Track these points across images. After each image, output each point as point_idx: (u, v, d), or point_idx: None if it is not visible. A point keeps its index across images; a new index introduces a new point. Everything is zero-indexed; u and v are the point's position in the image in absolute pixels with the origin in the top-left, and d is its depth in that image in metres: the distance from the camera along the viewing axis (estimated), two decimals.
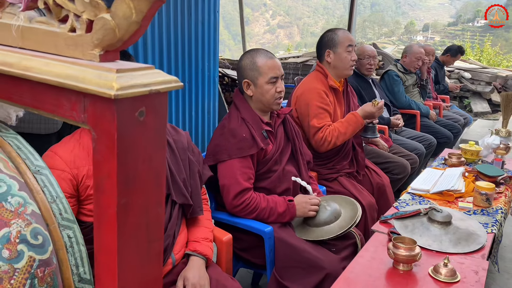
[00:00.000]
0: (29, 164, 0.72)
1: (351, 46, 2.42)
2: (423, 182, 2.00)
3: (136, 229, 0.52)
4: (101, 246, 0.51)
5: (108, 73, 0.45)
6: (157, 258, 0.56)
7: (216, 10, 3.81)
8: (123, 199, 0.49)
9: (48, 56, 0.51)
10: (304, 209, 1.88)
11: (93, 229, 0.51)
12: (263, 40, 74.85)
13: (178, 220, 1.55)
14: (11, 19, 0.56)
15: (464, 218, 1.60)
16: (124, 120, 0.46)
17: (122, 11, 0.45)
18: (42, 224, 0.66)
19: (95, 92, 0.44)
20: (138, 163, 0.49)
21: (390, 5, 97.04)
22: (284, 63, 6.92)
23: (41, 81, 0.49)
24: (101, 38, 0.47)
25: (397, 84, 3.96)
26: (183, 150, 1.63)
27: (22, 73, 0.50)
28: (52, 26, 0.52)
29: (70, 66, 0.48)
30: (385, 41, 66.93)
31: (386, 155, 3.08)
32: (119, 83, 0.44)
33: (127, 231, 0.51)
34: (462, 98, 7.65)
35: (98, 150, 0.48)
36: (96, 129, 0.47)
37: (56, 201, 0.71)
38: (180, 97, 3.63)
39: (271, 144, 1.92)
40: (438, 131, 4.07)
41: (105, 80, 0.45)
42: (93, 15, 0.48)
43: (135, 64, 0.49)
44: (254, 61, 1.89)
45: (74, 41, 0.50)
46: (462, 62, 8.58)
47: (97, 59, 0.49)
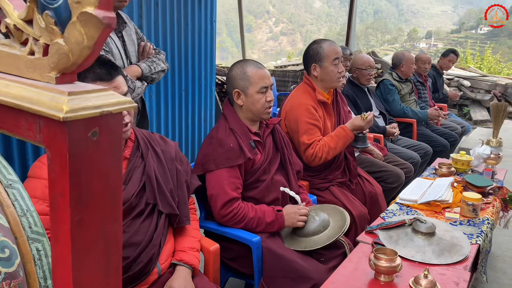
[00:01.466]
0: (2, 178, 0.74)
1: (337, 59, 2.42)
2: (411, 192, 2.01)
3: (93, 244, 0.54)
4: (57, 261, 0.53)
5: (60, 96, 0.47)
6: (116, 271, 0.58)
7: (213, 20, 3.85)
8: (77, 216, 0.50)
9: (9, 78, 0.53)
10: (293, 219, 1.89)
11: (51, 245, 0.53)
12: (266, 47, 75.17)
13: (165, 230, 1.56)
14: None
15: (448, 229, 1.61)
16: (76, 140, 0.48)
17: (74, 37, 0.47)
18: (10, 237, 0.68)
19: (47, 115, 0.46)
20: (93, 180, 0.51)
21: (393, 13, 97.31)
22: (284, 71, 6.95)
23: (1, 102, 0.51)
24: (57, 61, 0.50)
25: (392, 93, 3.98)
26: (171, 160, 1.65)
27: None
28: (14, 48, 0.55)
29: (27, 88, 0.50)
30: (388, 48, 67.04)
31: (380, 164, 3.09)
32: (69, 105, 0.46)
33: (82, 246, 0.52)
34: (461, 106, 7.66)
35: (53, 168, 0.50)
36: (50, 149, 0.49)
37: (27, 214, 0.72)
38: (177, 105, 3.66)
39: (259, 154, 1.94)
40: (435, 140, 4.08)
41: (56, 102, 0.47)
42: (49, 39, 0.50)
43: (90, 86, 0.51)
44: (244, 71, 1.92)
45: (33, 64, 0.52)
46: (461, 70, 8.60)
47: (54, 81, 0.51)
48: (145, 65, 2.17)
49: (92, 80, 1.41)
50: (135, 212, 1.50)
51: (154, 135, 1.69)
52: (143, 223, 1.51)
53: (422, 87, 4.68)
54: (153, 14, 3.27)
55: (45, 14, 0.49)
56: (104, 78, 1.43)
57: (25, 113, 0.50)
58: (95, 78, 1.42)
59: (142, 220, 1.51)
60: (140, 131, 1.65)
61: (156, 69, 2.19)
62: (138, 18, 3.15)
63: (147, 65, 2.17)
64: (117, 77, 1.47)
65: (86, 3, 0.45)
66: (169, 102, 3.56)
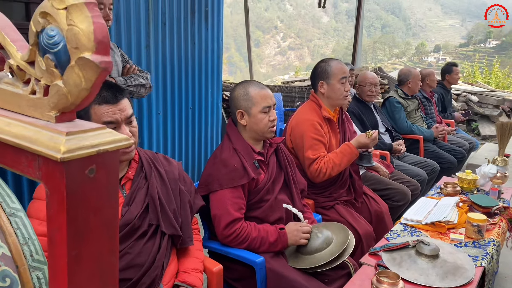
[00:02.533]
0: (5, 206, 0.76)
1: (344, 78, 2.45)
2: (416, 212, 2.00)
3: (89, 277, 0.55)
4: None
5: (59, 136, 0.49)
6: None
7: (220, 38, 3.90)
8: (74, 251, 0.52)
9: (11, 116, 0.56)
10: (296, 237, 1.89)
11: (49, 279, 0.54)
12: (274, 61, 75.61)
13: (167, 251, 1.57)
14: None
15: (453, 251, 1.59)
16: (73, 178, 0.50)
17: (72, 79, 0.49)
18: (11, 266, 0.70)
19: (45, 154, 0.48)
20: (89, 216, 0.53)
21: (400, 27, 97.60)
22: (290, 87, 6.99)
23: (1, 141, 0.53)
24: (56, 102, 0.52)
25: (398, 111, 3.98)
26: (174, 181, 1.67)
27: None
28: (17, 88, 0.57)
29: (27, 127, 0.52)
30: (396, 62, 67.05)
31: (387, 181, 3.08)
32: (66, 146, 0.48)
33: (79, 280, 0.54)
34: (470, 122, 7.61)
35: (51, 205, 0.51)
36: (48, 186, 0.51)
37: (28, 243, 0.74)
38: (184, 123, 3.69)
39: (263, 173, 1.95)
40: (442, 157, 4.06)
41: (55, 143, 0.49)
42: (49, 81, 0.52)
43: (88, 124, 0.53)
44: (247, 92, 1.94)
45: (34, 103, 0.54)
46: (469, 85, 8.57)
47: (53, 120, 0.53)
48: (121, 78, 2.28)
49: (98, 103, 1.45)
50: (138, 233, 1.51)
51: (158, 156, 1.71)
52: (146, 244, 1.52)
53: (428, 103, 4.67)
54: (160, 33, 3.33)
55: (46, 57, 0.51)
56: (110, 101, 1.46)
57: (25, 151, 0.52)
58: (102, 101, 1.45)
59: (145, 241, 1.52)
60: (144, 152, 1.67)
61: (132, 82, 2.28)
62: (145, 37, 3.21)
63: (123, 78, 2.28)
64: (122, 100, 1.50)
65: (84, 49, 0.47)
66: (176, 120, 3.60)
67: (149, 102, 3.32)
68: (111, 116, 1.45)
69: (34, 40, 0.52)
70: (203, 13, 3.70)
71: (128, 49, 3.09)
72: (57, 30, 0.49)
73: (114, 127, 1.47)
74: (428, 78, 4.58)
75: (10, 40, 0.56)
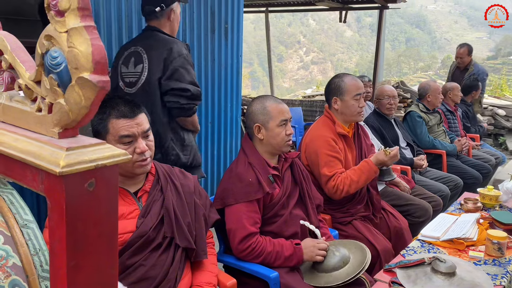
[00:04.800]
0: (18, 218, 0.79)
1: (359, 94, 2.44)
2: (434, 228, 1.96)
3: (89, 287, 0.57)
4: None
5: (59, 151, 0.52)
6: None
7: (239, 55, 3.96)
8: (73, 262, 0.54)
9: (19, 132, 0.59)
10: (312, 253, 1.88)
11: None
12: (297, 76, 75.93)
13: (181, 264, 1.59)
14: None
15: (471, 269, 1.55)
16: (73, 191, 0.52)
17: (73, 98, 0.52)
18: (21, 276, 0.73)
19: (46, 169, 0.51)
20: (89, 229, 0.55)
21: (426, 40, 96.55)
22: (311, 101, 7.00)
23: (9, 155, 0.56)
24: (59, 119, 0.55)
25: (419, 126, 3.93)
26: (189, 194, 1.69)
27: None
28: (25, 105, 0.60)
29: (32, 143, 0.56)
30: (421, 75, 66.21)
31: (407, 197, 3.03)
32: (66, 160, 0.51)
33: None
34: (496, 136, 7.42)
35: (52, 217, 0.54)
36: (50, 199, 0.54)
37: (39, 253, 0.77)
38: (203, 137, 3.74)
39: (277, 188, 1.95)
40: (466, 172, 3.96)
41: (55, 157, 0.51)
42: (53, 99, 0.55)
43: (89, 140, 0.56)
44: (264, 106, 1.97)
45: (40, 120, 0.58)
46: (496, 98, 8.38)
47: (56, 136, 0.56)
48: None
49: (116, 117, 1.50)
50: (152, 245, 1.53)
51: (174, 169, 1.75)
52: (161, 257, 1.54)
53: (452, 116, 4.58)
54: None
55: (50, 77, 0.54)
56: (128, 115, 1.51)
57: (30, 166, 0.55)
58: (119, 115, 1.50)
59: (159, 254, 1.54)
60: (161, 165, 1.71)
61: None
62: None
63: None
64: (140, 114, 1.55)
65: (83, 69, 0.50)
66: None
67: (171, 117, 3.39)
68: (128, 130, 1.50)
69: (39, 61, 0.55)
70: (223, 30, 3.78)
71: None
72: (60, 52, 0.52)
73: (131, 140, 1.51)
74: (451, 92, 4.51)
75: (20, 61, 0.60)
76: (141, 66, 2.28)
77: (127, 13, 2.97)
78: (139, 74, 2.28)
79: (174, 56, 2.21)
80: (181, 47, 2.27)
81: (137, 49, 2.32)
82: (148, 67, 2.26)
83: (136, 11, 3.02)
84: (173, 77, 2.22)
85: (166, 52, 2.21)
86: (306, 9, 8.44)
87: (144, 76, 2.27)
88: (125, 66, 2.37)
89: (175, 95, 2.23)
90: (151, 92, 2.25)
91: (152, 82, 2.24)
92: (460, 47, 5.66)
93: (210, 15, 3.63)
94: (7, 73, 0.63)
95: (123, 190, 1.55)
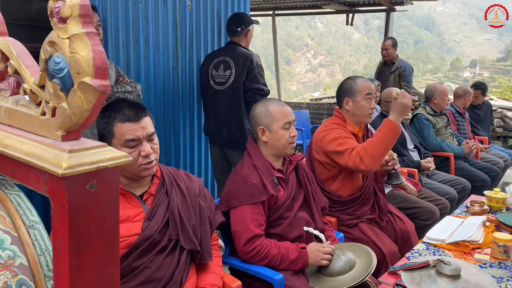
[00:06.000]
0: (25, 219, 0.82)
1: (370, 94, 2.45)
2: (440, 231, 1.95)
3: (90, 285, 0.59)
4: None
5: (62, 153, 0.54)
6: None
7: None
8: (75, 260, 0.56)
9: (24, 135, 0.61)
10: (317, 257, 1.88)
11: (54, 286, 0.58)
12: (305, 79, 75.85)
13: (186, 266, 1.60)
14: (2, 101, 0.66)
15: (476, 272, 1.54)
16: (75, 192, 0.54)
17: (75, 102, 0.54)
18: (28, 276, 0.75)
19: (49, 171, 0.53)
20: (90, 228, 0.57)
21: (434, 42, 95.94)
22: (318, 103, 7.00)
23: (14, 158, 0.58)
24: (62, 122, 0.57)
25: (426, 128, 3.91)
26: (195, 197, 1.71)
27: (1, 149, 0.60)
28: (30, 109, 0.62)
29: (37, 146, 0.57)
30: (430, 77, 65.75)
31: (414, 200, 3.02)
32: (68, 163, 0.52)
33: (80, 287, 0.57)
34: (506, 138, 7.35)
35: (55, 217, 0.56)
36: (53, 200, 0.55)
37: (45, 253, 0.79)
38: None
39: (282, 190, 1.96)
40: (474, 175, 3.93)
41: (58, 160, 0.53)
42: (56, 103, 0.57)
43: (91, 142, 0.58)
44: (268, 109, 1.99)
45: (44, 123, 0.59)
46: (505, 100, 8.30)
47: (60, 139, 0.58)
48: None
49: (121, 121, 1.52)
50: (158, 248, 1.55)
51: (179, 172, 1.76)
52: (166, 259, 1.56)
53: (461, 118, 4.56)
54: (188, 55, 3.44)
55: (53, 81, 0.56)
56: (132, 119, 1.53)
57: (34, 168, 0.57)
58: (124, 119, 1.52)
59: (164, 256, 1.56)
60: (166, 168, 1.73)
61: (119, 89, 2.45)
62: (173, 59, 3.32)
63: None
64: (144, 118, 1.56)
65: (84, 74, 0.52)
66: (202, 137, 3.67)
67: (177, 120, 3.42)
68: (133, 133, 1.51)
69: (43, 66, 0.57)
70: None
71: (157, 71, 3.20)
72: (62, 57, 0.54)
73: (136, 144, 1.53)
74: (467, 96, 4.54)
75: (25, 66, 0.62)
76: (229, 72, 3.16)
77: (134, 18, 3.00)
78: (227, 77, 3.16)
79: (254, 66, 3.11)
80: (257, 59, 3.17)
81: (225, 59, 3.20)
82: (235, 72, 3.14)
83: (143, 16, 3.06)
84: (253, 81, 3.11)
85: (249, 63, 3.11)
86: (313, 12, 8.46)
87: (232, 79, 3.14)
88: (215, 70, 3.23)
89: (253, 93, 3.09)
90: (236, 90, 3.12)
91: (237, 83, 3.11)
92: (385, 40, 5.76)
93: (216, 19, 3.65)
94: (13, 78, 0.65)
95: (128, 193, 1.57)
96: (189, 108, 3.51)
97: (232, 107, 3.14)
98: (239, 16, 3.32)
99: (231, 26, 3.27)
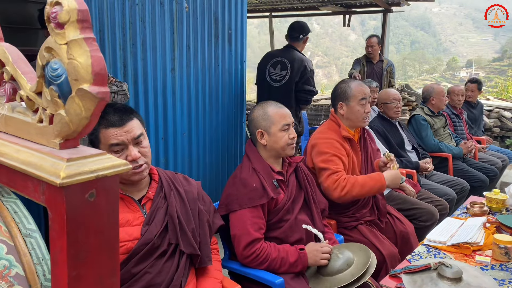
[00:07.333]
0: (22, 227, 0.80)
1: (364, 99, 2.43)
2: (440, 233, 1.94)
3: None
4: None
5: (60, 162, 0.52)
6: None
7: (243, 60, 3.97)
8: (74, 272, 0.54)
9: (20, 143, 0.59)
10: (316, 257, 1.87)
11: None
12: None
13: (186, 270, 1.59)
14: None
15: (477, 275, 1.54)
16: (73, 202, 0.52)
17: (73, 109, 0.53)
18: (24, 286, 0.73)
19: (47, 180, 0.51)
20: (90, 238, 0.55)
21: (430, 43, 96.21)
22: (316, 105, 6.99)
23: (11, 166, 0.57)
24: (59, 130, 0.55)
25: (424, 129, 3.91)
26: (193, 200, 1.69)
27: None
28: (27, 116, 0.61)
29: (34, 154, 0.56)
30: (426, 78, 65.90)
31: (413, 201, 3.01)
32: (66, 172, 0.51)
33: None
34: (503, 138, 7.36)
35: (53, 227, 0.54)
36: (51, 210, 0.54)
37: (42, 263, 0.77)
38: (208, 142, 3.75)
39: (282, 193, 1.95)
40: (472, 175, 3.93)
41: (56, 169, 0.52)
42: (54, 110, 0.56)
43: (89, 150, 0.56)
44: (265, 112, 1.98)
45: (41, 131, 0.58)
46: (502, 100, 8.32)
47: (57, 147, 0.56)
48: None
49: (105, 127, 1.49)
50: (158, 253, 1.53)
51: (177, 176, 1.75)
52: (166, 264, 1.54)
53: (458, 119, 4.56)
54: (185, 56, 3.42)
55: (50, 88, 0.55)
56: (116, 124, 1.50)
57: (31, 177, 0.56)
58: (108, 125, 1.49)
59: (164, 261, 1.54)
60: (164, 172, 1.71)
61: None
62: (171, 61, 3.31)
63: None
64: (130, 121, 1.52)
65: (83, 81, 0.51)
66: (200, 140, 3.66)
67: (175, 123, 3.40)
68: (117, 138, 1.49)
69: (40, 73, 0.56)
70: (227, 35, 3.79)
71: (154, 73, 3.18)
72: (60, 64, 0.53)
73: (122, 148, 1.51)
74: (453, 94, 4.54)
75: (21, 72, 0.60)
76: (285, 72, 3.73)
77: (131, 21, 2.99)
78: (283, 75, 3.73)
79: (307, 70, 3.68)
80: (310, 64, 3.75)
81: (283, 60, 3.76)
82: (290, 73, 3.70)
83: (140, 18, 3.04)
84: (305, 83, 3.69)
85: (303, 66, 3.68)
86: (310, 13, 8.45)
87: (287, 78, 3.72)
88: (273, 68, 3.82)
89: (305, 94, 3.71)
90: (289, 89, 3.71)
91: (291, 83, 3.70)
92: (369, 37, 5.71)
93: (213, 20, 3.64)
94: (9, 85, 0.64)
95: (127, 197, 1.55)
96: (187, 109, 3.50)
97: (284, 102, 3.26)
98: (302, 25, 3.90)
99: (294, 32, 3.85)
